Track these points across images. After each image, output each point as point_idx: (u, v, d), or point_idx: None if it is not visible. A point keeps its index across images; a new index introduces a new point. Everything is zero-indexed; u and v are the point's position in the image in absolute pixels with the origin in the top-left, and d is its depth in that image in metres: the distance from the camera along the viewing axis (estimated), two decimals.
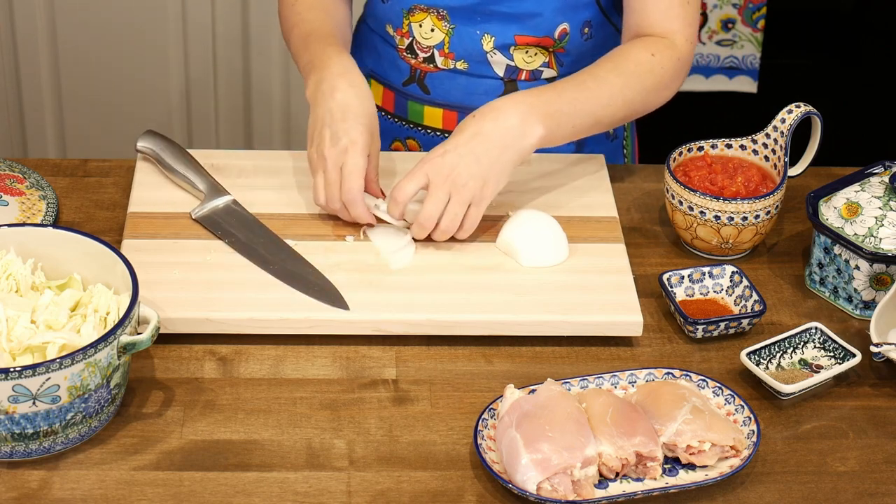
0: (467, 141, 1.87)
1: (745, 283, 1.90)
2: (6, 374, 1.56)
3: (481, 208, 1.88)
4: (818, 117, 2.00)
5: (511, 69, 2.09)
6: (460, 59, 2.09)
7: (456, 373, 1.79)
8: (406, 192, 1.87)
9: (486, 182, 1.86)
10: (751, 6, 3.71)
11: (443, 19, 2.06)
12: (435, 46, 2.08)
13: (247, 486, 1.63)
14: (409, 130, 2.16)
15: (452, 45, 2.08)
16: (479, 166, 1.86)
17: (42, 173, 2.07)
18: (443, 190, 1.86)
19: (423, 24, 2.07)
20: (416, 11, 2.07)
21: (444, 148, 1.87)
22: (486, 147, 1.86)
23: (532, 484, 1.59)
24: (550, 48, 2.07)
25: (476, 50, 2.07)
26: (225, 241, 1.92)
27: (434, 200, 1.86)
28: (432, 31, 2.07)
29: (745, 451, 1.66)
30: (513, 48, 2.06)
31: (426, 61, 2.11)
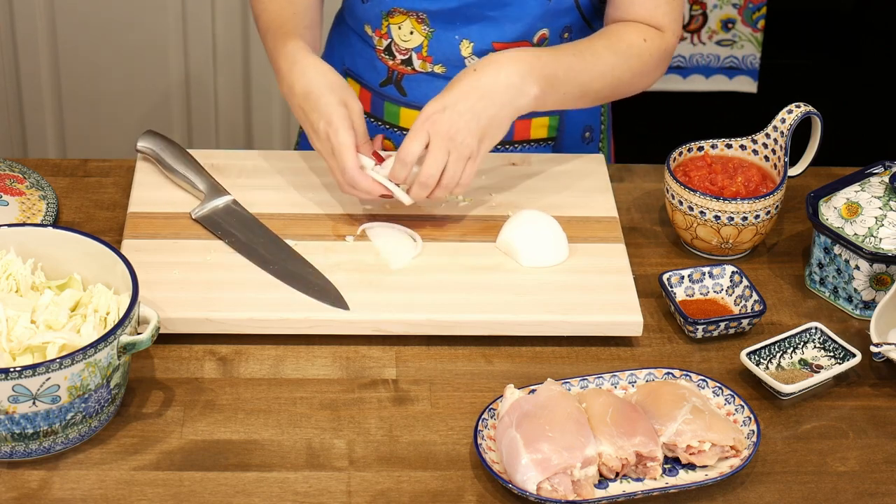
0: (466, 96, 1.86)
1: (745, 283, 1.90)
2: (6, 374, 1.56)
3: (477, 163, 1.88)
4: (818, 117, 2.00)
5: None
6: (438, 63, 2.08)
7: (456, 373, 1.79)
8: (412, 153, 1.86)
9: (484, 138, 1.86)
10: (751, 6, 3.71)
11: (422, 23, 2.05)
12: (413, 49, 2.08)
13: (247, 486, 1.63)
14: (384, 130, 2.16)
15: (431, 48, 2.07)
16: (477, 123, 1.86)
17: (42, 173, 2.07)
18: (443, 148, 1.85)
19: (403, 26, 2.07)
20: (396, 14, 2.07)
21: (443, 103, 1.86)
22: (485, 103, 1.86)
23: (532, 484, 1.59)
24: None
25: (454, 55, 2.07)
26: (225, 241, 1.92)
27: (435, 159, 1.85)
28: (411, 34, 2.07)
29: (745, 451, 1.66)
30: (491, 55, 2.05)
31: (404, 63, 2.10)
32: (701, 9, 3.72)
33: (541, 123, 2.14)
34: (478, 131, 1.86)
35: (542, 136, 2.15)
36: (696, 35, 3.76)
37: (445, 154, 1.86)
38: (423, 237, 1.94)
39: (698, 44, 3.77)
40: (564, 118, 2.15)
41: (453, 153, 1.86)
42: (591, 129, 2.21)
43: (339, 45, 2.19)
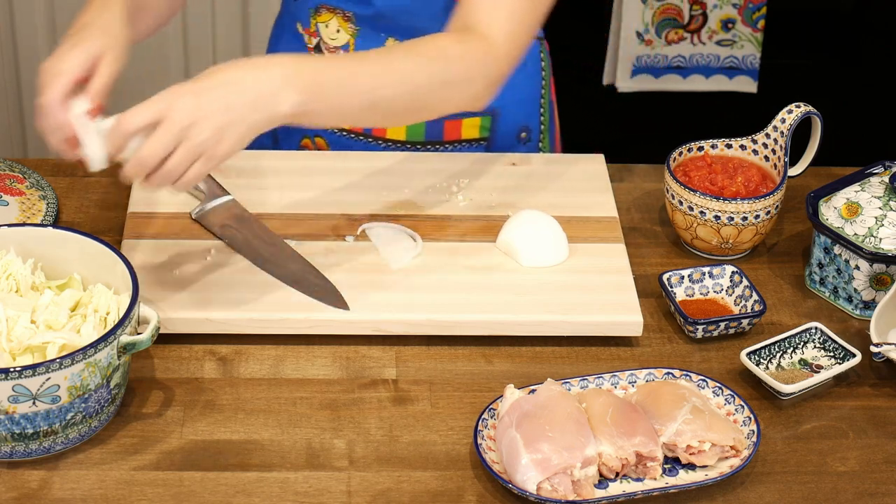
0: (218, 86, 1.64)
1: (745, 283, 1.90)
2: (6, 374, 1.56)
3: (209, 166, 1.65)
4: (818, 117, 2.00)
5: None
6: None
7: (456, 373, 1.79)
8: (133, 124, 1.63)
9: (223, 139, 1.64)
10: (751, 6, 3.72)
11: (349, 21, 2.04)
12: (341, 48, 2.07)
13: (247, 486, 1.63)
14: (317, 129, 2.15)
15: (358, 47, 2.06)
16: (223, 117, 1.63)
17: (42, 173, 2.07)
18: (173, 133, 1.62)
19: (330, 24, 2.06)
20: (323, 11, 2.06)
21: (192, 87, 1.64)
22: (238, 101, 1.64)
23: (532, 484, 1.59)
24: None
25: None
26: (225, 241, 1.92)
27: (160, 141, 1.62)
28: (338, 32, 2.06)
29: (745, 451, 1.66)
30: None
31: None
32: (701, 9, 3.72)
33: (472, 123, 2.13)
34: (221, 127, 1.63)
35: (473, 136, 2.14)
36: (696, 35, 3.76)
37: (174, 141, 1.62)
38: (423, 237, 1.94)
39: (698, 44, 3.77)
40: (498, 118, 2.13)
41: (185, 142, 1.63)
42: (527, 130, 2.18)
43: (276, 43, 2.18)
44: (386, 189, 2.02)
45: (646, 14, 3.74)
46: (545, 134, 2.22)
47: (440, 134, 2.13)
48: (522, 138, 2.18)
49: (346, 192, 2.02)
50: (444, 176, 2.06)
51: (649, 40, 3.77)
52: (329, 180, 2.04)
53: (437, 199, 2.02)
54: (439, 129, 2.12)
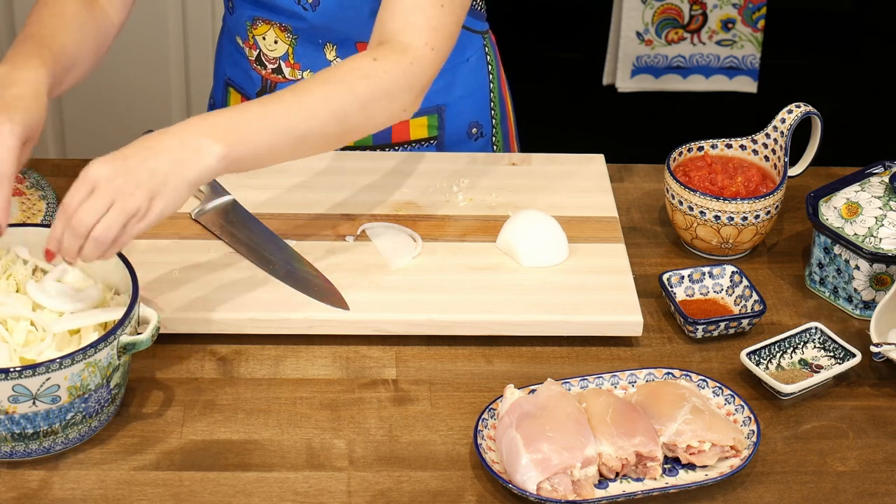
0: (138, 152, 1.67)
1: (745, 283, 1.90)
2: (6, 374, 1.56)
3: (143, 224, 1.66)
4: (818, 117, 2.00)
5: None
6: (307, 69, 2.06)
7: (456, 373, 1.79)
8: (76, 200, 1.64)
9: (156, 197, 1.64)
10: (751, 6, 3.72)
11: (285, 31, 2.04)
12: (280, 58, 2.07)
13: (247, 486, 1.63)
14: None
15: (297, 55, 2.06)
16: (150, 178, 1.64)
17: (42, 173, 2.07)
18: (106, 195, 1.63)
19: (267, 36, 2.06)
20: (259, 24, 2.06)
21: (113, 156, 1.67)
22: (161, 160, 1.65)
23: (532, 484, 1.59)
24: None
25: (321, 59, 2.05)
26: (225, 241, 1.92)
27: (92, 205, 1.63)
28: (276, 43, 2.06)
29: (745, 451, 1.66)
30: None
31: (275, 72, 2.09)
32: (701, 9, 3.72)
33: (419, 123, 2.13)
34: (149, 187, 1.64)
35: (422, 135, 2.14)
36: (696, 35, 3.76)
37: (108, 202, 1.63)
38: (423, 237, 1.94)
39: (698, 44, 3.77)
40: (444, 115, 2.13)
41: (118, 203, 1.63)
42: (478, 125, 2.17)
43: (219, 56, 2.19)
44: (386, 189, 2.02)
45: (646, 14, 3.74)
46: (497, 128, 2.21)
47: (388, 136, 2.12)
48: (473, 134, 2.17)
49: (346, 192, 2.02)
50: (444, 176, 2.06)
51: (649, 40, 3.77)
52: (329, 180, 2.04)
53: (437, 199, 2.02)
54: (387, 132, 2.12)
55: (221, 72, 2.18)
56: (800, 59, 3.95)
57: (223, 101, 2.19)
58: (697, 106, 3.84)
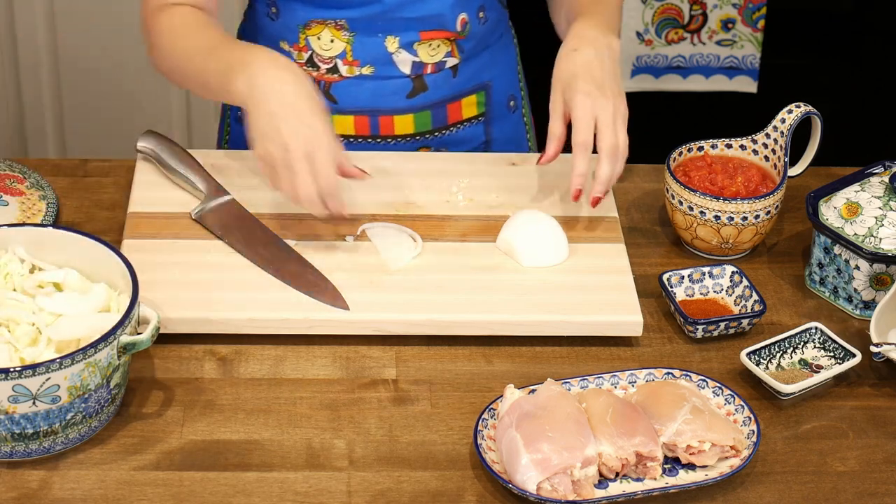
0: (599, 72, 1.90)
1: (745, 283, 1.90)
2: (6, 374, 1.56)
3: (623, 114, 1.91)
4: (818, 117, 2.00)
5: (417, 65, 2.08)
6: (366, 64, 2.07)
7: (456, 373, 1.79)
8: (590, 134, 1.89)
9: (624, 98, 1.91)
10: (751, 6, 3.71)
11: (341, 29, 2.05)
12: (337, 56, 2.07)
13: (247, 486, 1.63)
14: None
15: (356, 52, 2.07)
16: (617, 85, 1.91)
17: (42, 173, 2.07)
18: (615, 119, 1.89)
19: (322, 36, 2.06)
20: (313, 25, 2.06)
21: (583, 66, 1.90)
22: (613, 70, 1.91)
23: (532, 484, 1.59)
24: (452, 38, 2.08)
25: (381, 53, 2.06)
26: (225, 241, 1.92)
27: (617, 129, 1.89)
28: (332, 42, 2.06)
29: (745, 451, 1.66)
30: (417, 44, 2.06)
31: (329, 72, 2.09)
32: (701, 9, 3.72)
33: (469, 102, 2.16)
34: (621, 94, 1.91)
35: (472, 113, 2.17)
36: (696, 35, 3.76)
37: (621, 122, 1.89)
38: (423, 237, 1.94)
39: (698, 44, 3.77)
40: (490, 91, 2.17)
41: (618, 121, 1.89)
42: (514, 98, 2.23)
43: None
44: (386, 189, 2.02)
45: (646, 14, 3.74)
46: (525, 101, 2.27)
47: (445, 118, 2.14)
48: (511, 107, 2.22)
49: (346, 192, 2.01)
50: (444, 176, 2.06)
51: (649, 40, 3.76)
52: None
53: (437, 199, 2.02)
54: (444, 115, 2.14)
55: None
56: (800, 59, 3.95)
57: None
58: (697, 106, 3.84)
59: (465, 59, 2.12)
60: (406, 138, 2.13)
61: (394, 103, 2.10)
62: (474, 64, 2.14)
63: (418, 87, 2.10)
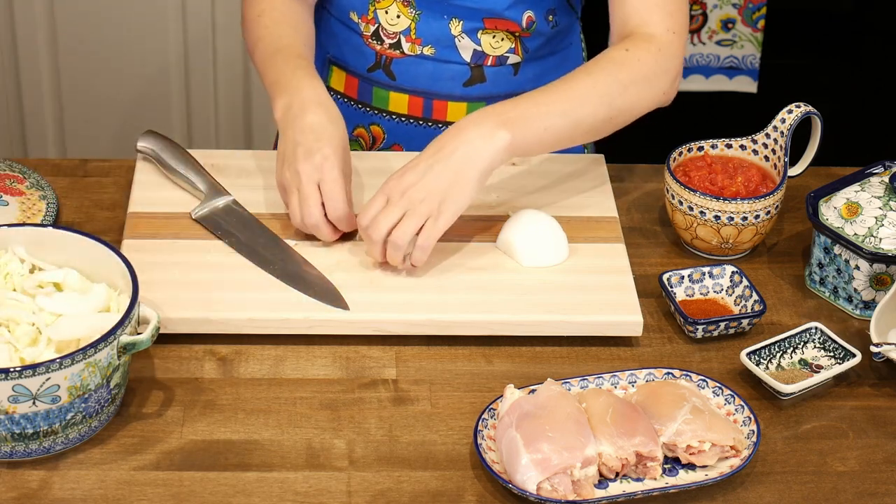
0: (428, 158, 1.84)
1: (745, 283, 1.90)
2: (6, 374, 1.56)
3: (439, 225, 1.83)
4: (818, 117, 2.00)
5: (478, 54, 2.08)
6: (428, 44, 2.08)
7: (456, 373, 1.79)
8: (369, 216, 1.84)
9: (445, 198, 1.82)
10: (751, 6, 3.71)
11: (409, 5, 2.05)
12: (402, 32, 2.08)
13: (247, 486, 1.63)
14: (373, 116, 2.15)
15: (419, 30, 2.07)
16: (437, 182, 1.82)
17: (42, 173, 2.07)
18: (398, 206, 1.82)
19: (389, 10, 2.07)
20: None
21: (405, 168, 1.84)
22: (447, 163, 1.82)
23: (532, 484, 1.59)
24: (517, 34, 2.08)
25: (444, 34, 2.07)
26: (225, 241, 1.92)
27: (386, 213, 1.82)
28: (398, 18, 2.07)
29: (745, 451, 1.66)
30: (481, 32, 2.06)
31: (392, 47, 2.10)
32: (701, 9, 3.72)
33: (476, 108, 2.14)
34: (438, 190, 1.82)
35: None
36: (696, 35, 3.76)
37: (400, 211, 1.82)
38: None
39: (698, 44, 3.77)
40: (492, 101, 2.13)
41: (409, 211, 1.82)
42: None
43: (321, 34, 2.18)
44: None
45: None
46: None
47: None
48: None
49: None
50: None
51: None
52: None
53: None
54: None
55: (323, 51, 2.17)
56: (800, 59, 3.95)
57: (325, 80, 2.18)
58: (697, 106, 3.84)
59: (528, 60, 2.11)
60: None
61: (450, 89, 2.10)
62: (537, 67, 2.13)
63: (476, 77, 2.10)
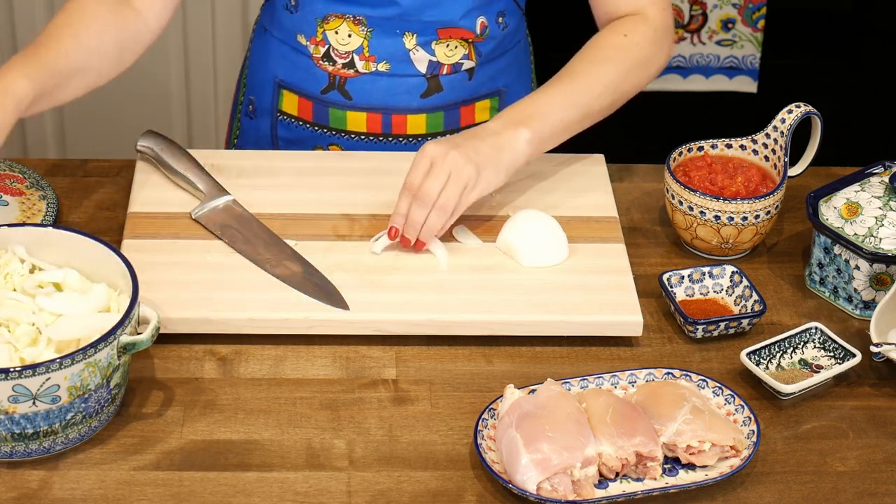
0: (464, 137, 1.90)
1: (745, 283, 1.90)
2: (6, 374, 1.56)
3: (475, 193, 1.88)
4: (818, 117, 2.00)
5: (433, 65, 2.08)
6: (382, 60, 2.07)
7: (456, 373, 1.79)
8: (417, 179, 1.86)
9: (481, 171, 1.87)
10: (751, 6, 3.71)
11: (359, 24, 2.05)
12: (354, 51, 2.07)
13: (247, 486, 1.63)
14: (331, 137, 2.14)
15: (373, 48, 2.07)
16: (477, 155, 1.87)
17: (42, 173, 2.08)
18: (444, 169, 1.85)
19: (340, 30, 2.06)
20: (331, 19, 2.06)
21: (443, 139, 1.89)
22: (483, 143, 1.89)
23: (532, 484, 1.59)
24: (471, 40, 2.08)
25: (398, 50, 2.06)
26: (225, 241, 1.92)
27: (435, 176, 1.85)
28: (349, 37, 2.06)
29: (745, 451, 1.66)
30: (435, 42, 2.06)
31: (345, 67, 2.09)
32: (701, 9, 3.72)
33: (483, 106, 2.16)
34: (476, 162, 1.87)
35: (485, 118, 2.16)
36: (696, 35, 3.76)
37: (446, 174, 1.85)
38: None
39: (698, 44, 3.77)
40: (504, 97, 2.17)
41: (453, 175, 1.85)
42: None
43: (266, 58, 2.17)
44: (386, 189, 2.02)
45: None
46: None
47: (457, 121, 2.14)
48: None
49: (347, 192, 2.02)
50: None
51: None
52: (329, 180, 2.04)
53: None
54: (457, 118, 2.14)
55: (269, 74, 2.16)
56: (800, 59, 3.95)
57: (274, 103, 2.17)
58: (697, 106, 3.84)
59: (482, 64, 2.12)
60: (417, 139, 2.13)
61: (407, 102, 2.10)
62: (490, 69, 2.14)
63: (433, 87, 2.10)
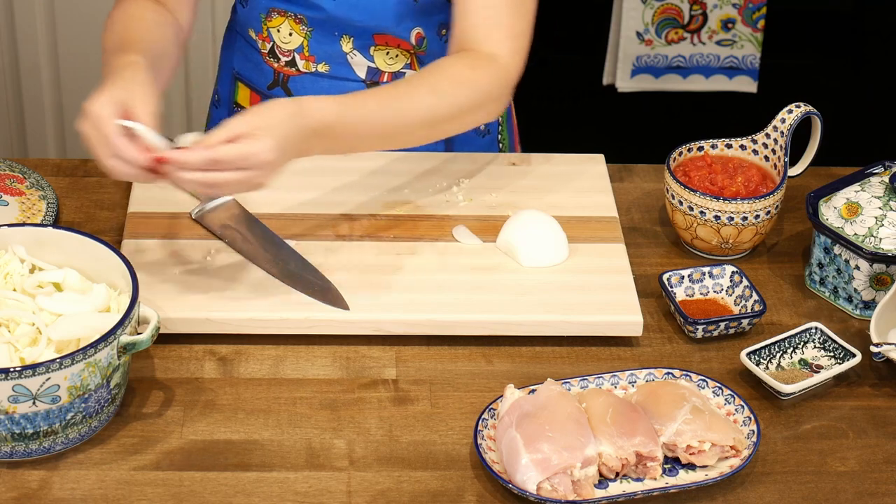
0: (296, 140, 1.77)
1: (745, 283, 1.90)
2: (6, 374, 1.56)
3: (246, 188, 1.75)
4: (818, 117, 2.00)
5: (373, 71, 2.07)
6: (321, 61, 2.07)
7: (456, 373, 1.79)
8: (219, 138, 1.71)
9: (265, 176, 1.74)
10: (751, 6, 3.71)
11: (300, 23, 2.04)
12: (295, 50, 2.07)
13: (247, 486, 1.63)
14: None
15: (312, 48, 2.06)
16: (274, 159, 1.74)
17: (42, 173, 2.08)
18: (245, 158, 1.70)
19: (282, 28, 2.06)
20: (274, 16, 2.06)
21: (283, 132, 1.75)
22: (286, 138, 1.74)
23: (532, 484, 1.59)
24: (410, 51, 2.07)
25: (336, 52, 2.05)
26: (225, 241, 1.92)
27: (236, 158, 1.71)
28: (290, 35, 2.06)
29: (745, 451, 1.67)
30: (373, 49, 2.05)
31: (288, 65, 2.09)
32: (701, 9, 3.72)
33: None
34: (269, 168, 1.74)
35: None
36: (696, 35, 3.76)
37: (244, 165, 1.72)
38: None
39: (698, 44, 3.77)
40: None
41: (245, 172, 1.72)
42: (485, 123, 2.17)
43: (227, 50, 2.18)
44: (386, 189, 2.02)
45: (646, 14, 3.74)
46: (503, 126, 2.22)
47: None
48: (481, 131, 2.17)
49: (346, 192, 2.02)
50: (444, 176, 2.06)
51: (649, 40, 3.77)
52: (329, 180, 2.04)
53: (437, 199, 2.02)
54: None
55: (229, 65, 2.18)
56: (800, 59, 3.95)
57: (230, 95, 2.18)
58: (697, 106, 3.84)
59: None
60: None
61: None
62: None
63: None
